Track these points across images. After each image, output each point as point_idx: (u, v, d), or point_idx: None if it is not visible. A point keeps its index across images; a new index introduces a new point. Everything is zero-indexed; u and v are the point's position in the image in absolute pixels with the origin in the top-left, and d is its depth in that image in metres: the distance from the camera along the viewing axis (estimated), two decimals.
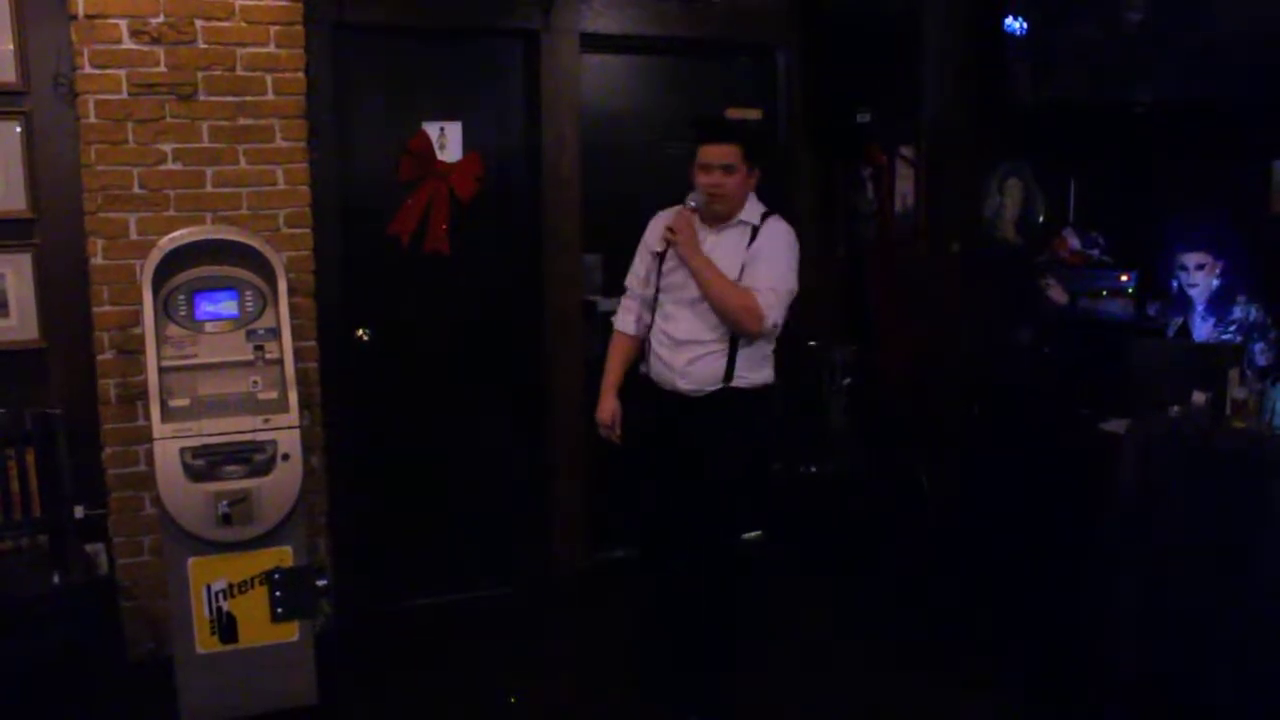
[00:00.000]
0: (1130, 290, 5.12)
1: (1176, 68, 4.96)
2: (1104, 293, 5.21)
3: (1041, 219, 5.60)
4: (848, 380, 5.28)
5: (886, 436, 5.01)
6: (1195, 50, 4.80)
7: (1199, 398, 3.71)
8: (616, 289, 4.90)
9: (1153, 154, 5.05)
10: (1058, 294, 4.97)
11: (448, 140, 4.61)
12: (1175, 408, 3.77)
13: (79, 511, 3.96)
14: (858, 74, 5.00)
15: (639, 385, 3.84)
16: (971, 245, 5.14)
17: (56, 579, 3.75)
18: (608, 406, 3.83)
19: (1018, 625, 4.31)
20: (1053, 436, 4.37)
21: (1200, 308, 4.25)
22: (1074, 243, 5.36)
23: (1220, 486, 3.40)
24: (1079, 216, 5.57)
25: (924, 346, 4.91)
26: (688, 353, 3.64)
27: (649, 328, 3.77)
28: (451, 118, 4.62)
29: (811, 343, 5.25)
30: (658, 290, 3.75)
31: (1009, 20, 5.45)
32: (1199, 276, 4.24)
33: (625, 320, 3.86)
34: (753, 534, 5.03)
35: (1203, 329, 4.21)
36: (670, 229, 3.60)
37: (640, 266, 3.84)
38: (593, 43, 4.81)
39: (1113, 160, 5.29)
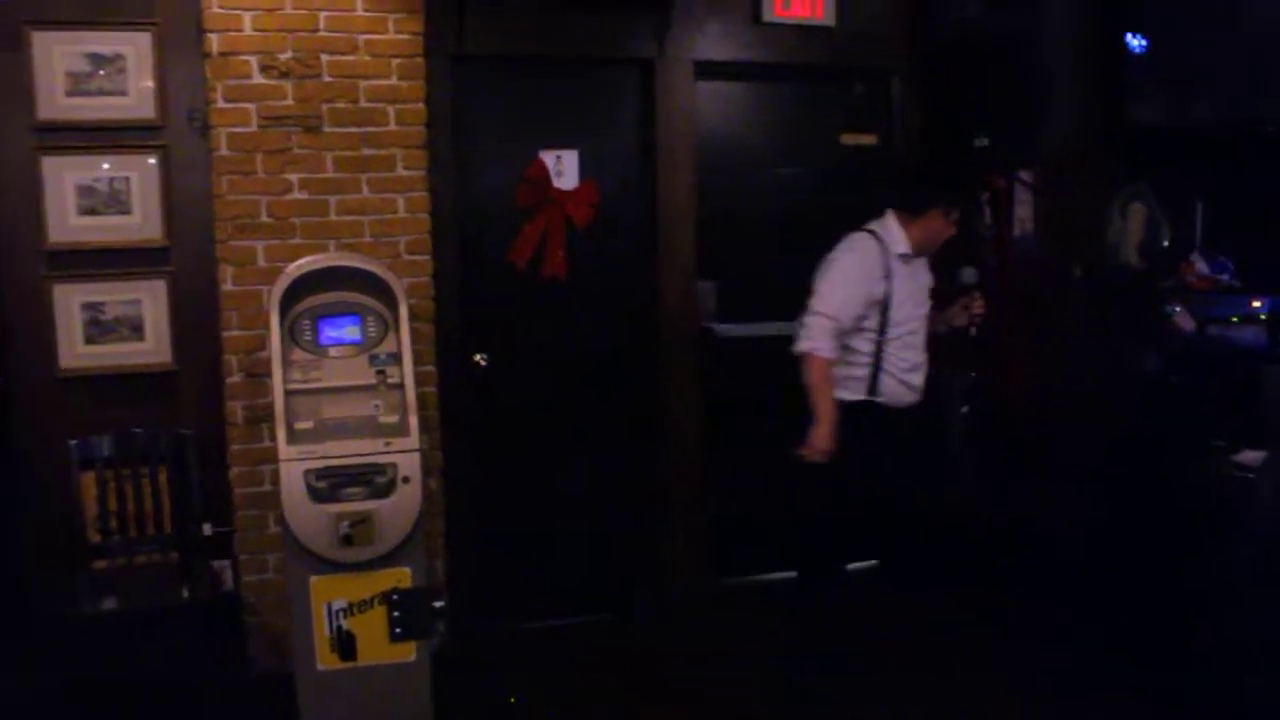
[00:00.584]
0: (1263, 316, 4.94)
1: None
2: (1235, 319, 5.03)
3: (1166, 243, 5.45)
4: (966, 408, 5.19)
5: (1007, 466, 4.90)
6: None
7: None
8: (731, 314, 4.93)
9: None
10: (1185, 321, 4.81)
11: (564, 167, 4.67)
12: None
13: (207, 529, 4.10)
14: (975, 98, 4.94)
15: (863, 408, 4.02)
16: (1094, 270, 5.04)
17: (185, 593, 3.87)
18: (832, 433, 3.93)
19: (1145, 658, 4.16)
20: (1183, 468, 4.24)
21: None
22: (1202, 268, 5.20)
23: None
24: (1207, 241, 5.41)
25: (1045, 373, 4.81)
26: (921, 373, 4.10)
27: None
28: (568, 145, 4.68)
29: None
30: (885, 324, 4.01)
31: (1130, 38, 5.34)
32: None
33: (831, 347, 3.96)
34: None
35: None
36: None
37: (857, 305, 3.98)
38: (707, 70, 4.83)
39: (1243, 182, 5.12)
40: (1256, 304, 4.98)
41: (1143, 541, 4.31)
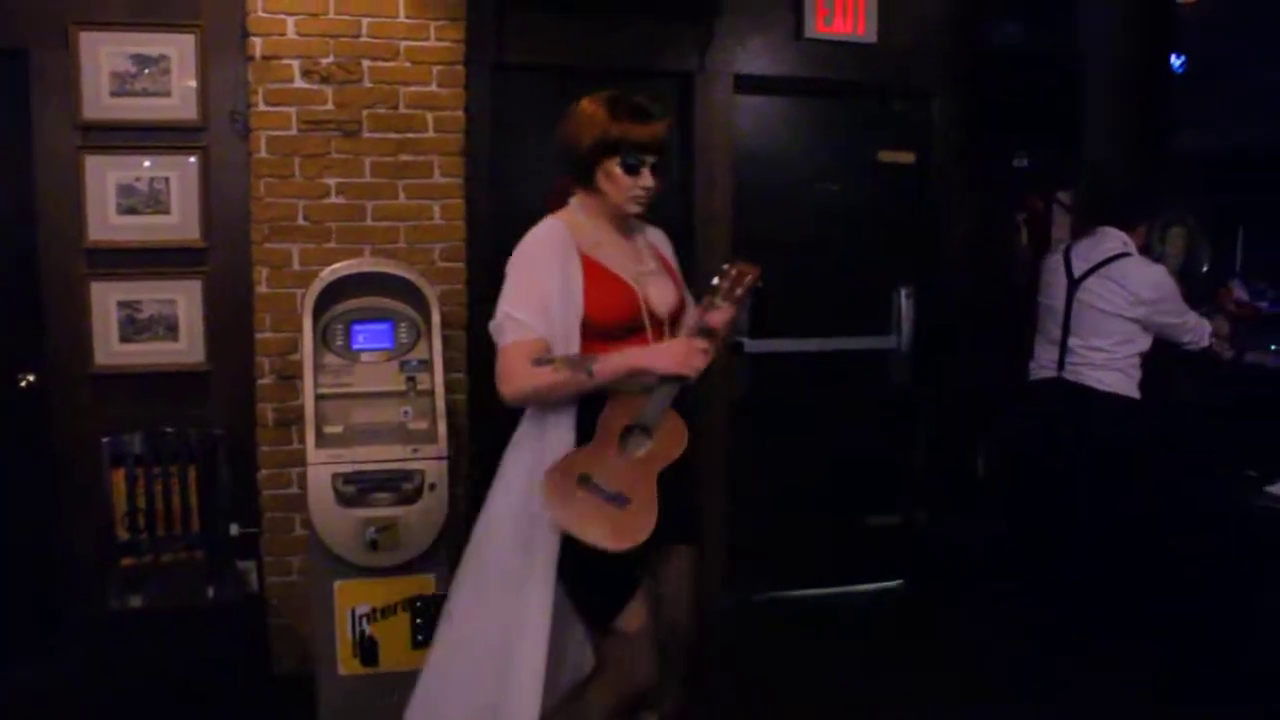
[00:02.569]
0: None
1: None
2: (1274, 347, 4.98)
3: (1206, 268, 5.39)
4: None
5: (1033, 490, 4.86)
6: None
7: None
8: (764, 329, 4.92)
9: None
10: (1222, 347, 4.76)
11: None
12: None
13: (234, 529, 4.11)
14: (1015, 118, 4.91)
15: None
16: None
17: (211, 593, 3.89)
18: None
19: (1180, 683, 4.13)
20: (1218, 496, 4.19)
21: None
22: (1241, 294, 5.14)
23: None
24: (1247, 267, 5.35)
25: None
26: None
27: None
28: None
29: None
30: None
31: (1175, 59, 5.30)
32: None
33: None
34: None
35: None
36: None
37: None
38: (747, 84, 4.82)
39: None
40: None
41: (1176, 570, 4.27)
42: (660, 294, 2.94)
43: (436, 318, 3.80)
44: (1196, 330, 4.46)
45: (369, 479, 3.61)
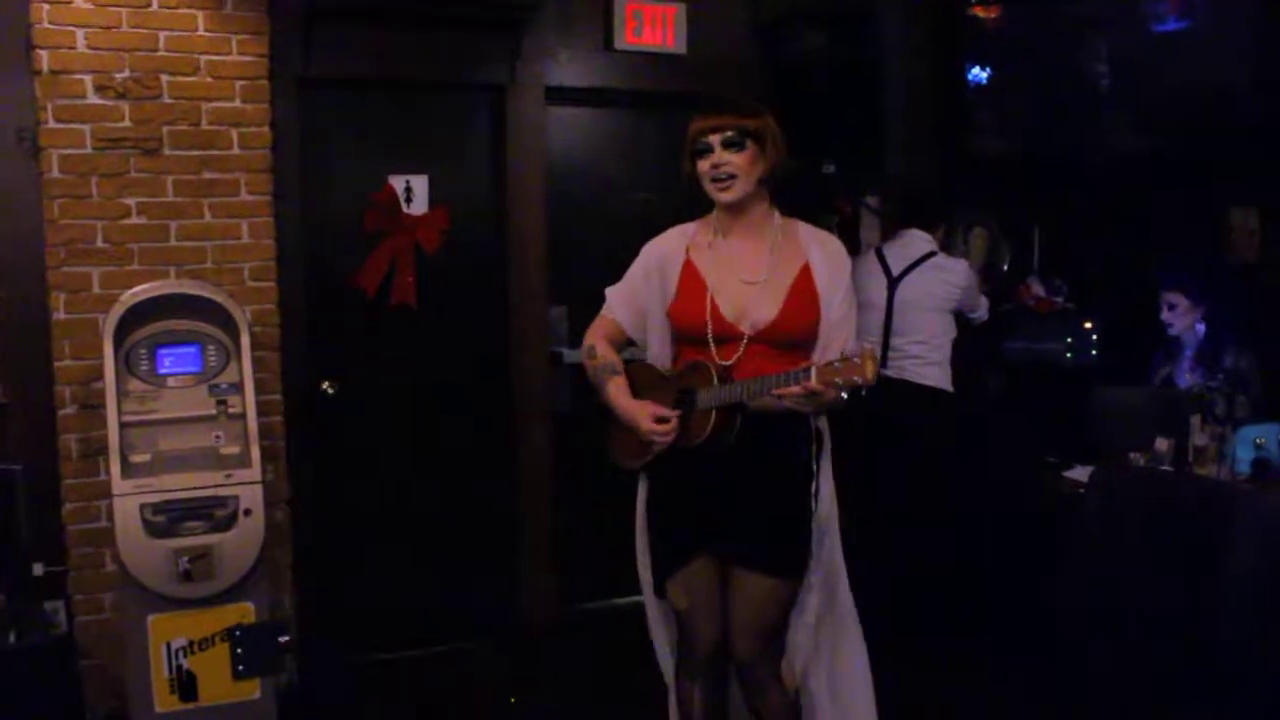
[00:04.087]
0: (1095, 337, 5.17)
1: (1136, 120, 5.08)
2: (1069, 339, 5.26)
3: (1006, 267, 5.66)
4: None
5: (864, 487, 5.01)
6: (1155, 103, 4.92)
7: (1162, 445, 3.74)
8: (582, 340, 4.93)
9: (1115, 202, 5.12)
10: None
11: (414, 193, 4.62)
12: (1138, 455, 3.79)
13: (38, 569, 3.91)
14: (821, 125, 5.06)
15: None
16: None
17: (12, 638, 3.69)
18: None
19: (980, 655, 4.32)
20: (1020, 483, 4.39)
21: (1188, 355, 4.25)
22: (1039, 289, 5.42)
23: (1181, 532, 3.40)
24: (1043, 264, 5.63)
25: None
26: None
27: None
28: (418, 171, 4.63)
29: None
30: None
31: (972, 70, 5.56)
32: (1174, 316, 4.24)
33: None
34: None
35: (1189, 379, 4.20)
36: None
37: None
38: (559, 96, 4.84)
39: (1076, 208, 5.36)
40: (1088, 325, 5.21)
41: (980, 558, 4.47)
42: (756, 308, 2.92)
43: (246, 339, 3.71)
44: (984, 307, 4.94)
45: (179, 508, 3.50)
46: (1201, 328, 4.20)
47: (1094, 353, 5.17)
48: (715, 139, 2.91)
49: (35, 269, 3.96)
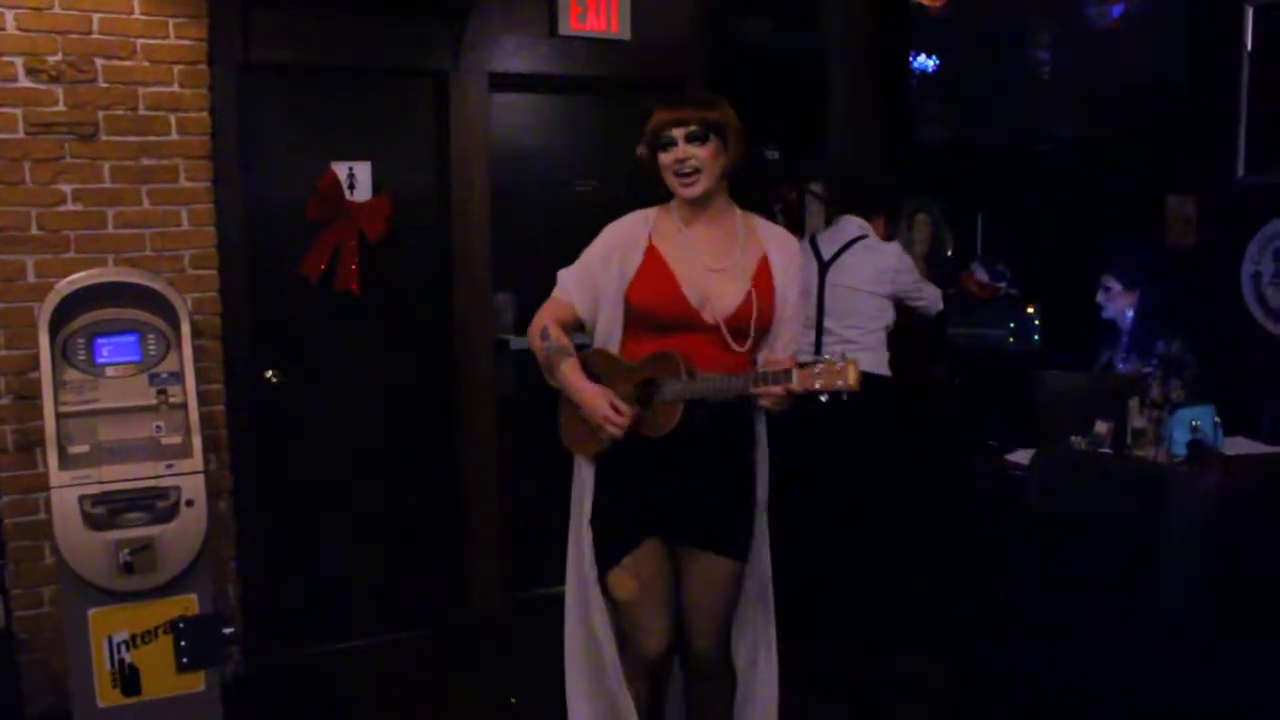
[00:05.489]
0: (1037, 321, 5.24)
1: (1076, 108, 5.14)
2: (1012, 325, 5.33)
3: (949, 253, 5.72)
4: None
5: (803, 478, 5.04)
6: (1095, 92, 4.98)
7: (1102, 428, 3.79)
8: (528, 327, 4.92)
9: (1057, 189, 5.18)
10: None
11: (357, 180, 4.58)
12: (1079, 438, 3.85)
13: None
14: (765, 111, 5.06)
15: None
16: None
17: None
18: None
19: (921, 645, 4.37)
20: (964, 466, 4.44)
21: (1125, 340, 4.33)
22: (982, 276, 5.48)
23: (1119, 513, 3.47)
24: (987, 251, 5.70)
25: None
26: None
27: None
28: (361, 158, 4.59)
29: None
30: None
31: (918, 59, 5.60)
32: (1107, 299, 4.33)
33: None
34: None
35: (1128, 364, 4.27)
36: None
37: None
38: (502, 82, 4.82)
39: (1018, 196, 5.42)
40: (1030, 310, 5.29)
41: (925, 538, 4.52)
42: (720, 295, 2.91)
43: (186, 327, 3.65)
44: (931, 297, 4.88)
45: (119, 499, 3.44)
46: (1130, 314, 4.29)
47: (1036, 338, 5.25)
48: (679, 133, 2.90)
49: None
